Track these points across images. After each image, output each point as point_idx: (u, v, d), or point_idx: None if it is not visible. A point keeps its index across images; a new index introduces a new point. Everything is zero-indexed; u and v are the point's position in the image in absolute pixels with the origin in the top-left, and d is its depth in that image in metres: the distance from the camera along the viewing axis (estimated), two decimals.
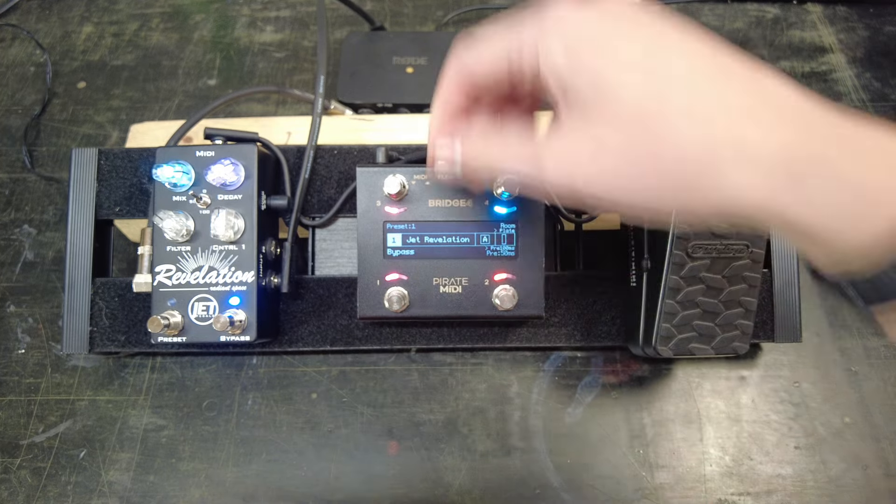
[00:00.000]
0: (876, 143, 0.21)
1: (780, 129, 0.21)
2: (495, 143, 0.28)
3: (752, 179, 0.21)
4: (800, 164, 0.21)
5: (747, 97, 0.22)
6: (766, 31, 0.65)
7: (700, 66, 0.22)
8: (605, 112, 0.23)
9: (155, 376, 0.47)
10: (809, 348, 0.48)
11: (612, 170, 0.23)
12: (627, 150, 0.23)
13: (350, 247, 0.46)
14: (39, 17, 0.67)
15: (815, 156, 0.21)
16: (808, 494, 0.43)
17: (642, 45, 0.23)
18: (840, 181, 0.20)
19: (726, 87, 0.22)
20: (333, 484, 0.44)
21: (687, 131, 0.22)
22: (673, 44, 0.23)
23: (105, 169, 0.45)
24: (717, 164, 0.21)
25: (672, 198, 0.23)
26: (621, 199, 0.24)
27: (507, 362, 0.48)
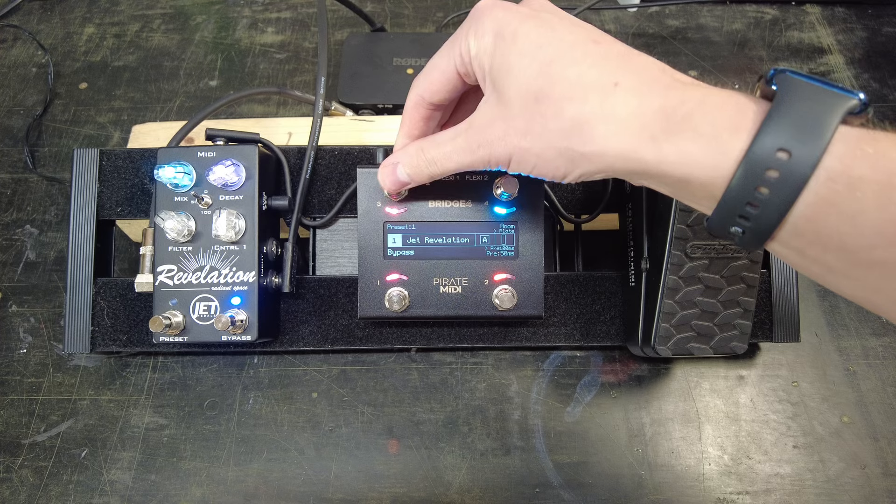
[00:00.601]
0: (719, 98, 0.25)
1: (638, 97, 0.26)
2: (430, 145, 0.33)
3: (617, 140, 0.26)
4: (653, 125, 0.25)
5: (616, 73, 0.26)
6: (765, 32, 0.66)
7: (580, 51, 0.27)
8: (511, 93, 0.28)
9: (156, 376, 0.48)
10: (808, 348, 0.48)
11: (515, 140, 0.29)
12: (526, 124, 0.28)
13: (351, 247, 0.47)
14: (41, 18, 0.67)
15: (666, 117, 0.25)
16: (807, 493, 0.43)
17: (537, 36, 0.28)
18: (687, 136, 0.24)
19: (600, 68, 0.27)
20: (334, 483, 0.44)
21: (567, 107, 0.27)
22: (561, 35, 0.28)
23: (107, 169, 0.46)
24: (592, 131, 0.26)
25: (563, 161, 0.28)
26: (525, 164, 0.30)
27: (506, 362, 0.48)
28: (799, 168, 0.22)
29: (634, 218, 0.43)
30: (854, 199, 0.22)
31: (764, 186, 0.23)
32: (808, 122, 0.23)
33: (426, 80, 0.33)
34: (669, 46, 0.65)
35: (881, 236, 0.22)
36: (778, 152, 0.22)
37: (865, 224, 0.22)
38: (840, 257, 0.24)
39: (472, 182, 0.41)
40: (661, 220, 0.39)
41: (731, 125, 0.24)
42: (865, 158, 0.22)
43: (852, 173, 0.22)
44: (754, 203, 0.24)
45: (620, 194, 0.45)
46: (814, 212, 0.23)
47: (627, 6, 0.67)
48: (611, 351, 0.48)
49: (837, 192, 0.22)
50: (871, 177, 0.22)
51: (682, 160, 0.25)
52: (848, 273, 0.24)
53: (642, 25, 0.66)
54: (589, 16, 0.67)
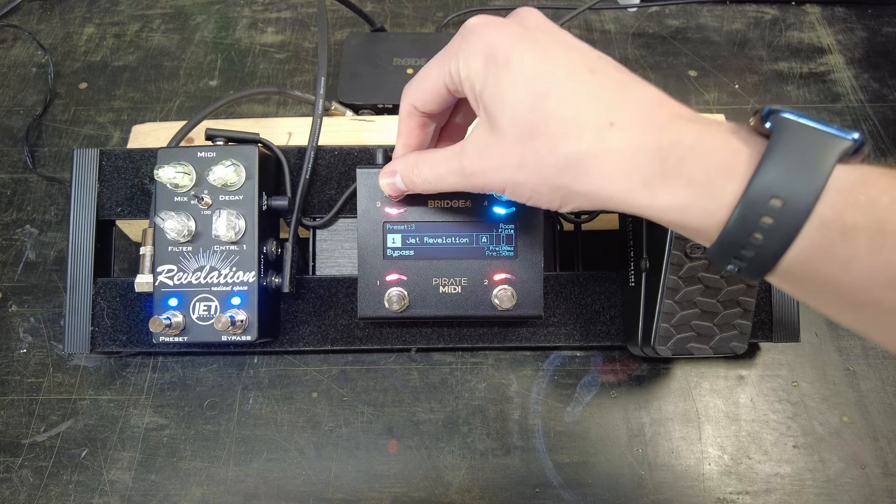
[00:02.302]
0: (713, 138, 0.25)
1: (633, 137, 0.25)
2: (425, 164, 0.34)
3: (612, 182, 0.26)
4: (650, 169, 0.25)
5: (612, 110, 0.26)
6: (765, 32, 0.66)
7: (577, 82, 0.27)
8: (504, 121, 0.28)
9: (156, 376, 0.48)
10: (808, 348, 0.48)
11: (510, 172, 0.29)
12: (520, 157, 0.28)
13: (350, 247, 0.47)
14: (41, 17, 0.67)
15: (663, 161, 0.25)
16: (807, 493, 0.43)
17: (531, 63, 0.27)
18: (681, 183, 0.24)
19: (596, 103, 0.26)
20: (334, 483, 0.44)
21: (562, 145, 0.26)
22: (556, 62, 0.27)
23: (107, 169, 0.46)
24: (587, 171, 0.26)
25: (558, 196, 0.28)
26: (520, 195, 0.30)
27: (506, 362, 0.48)
28: (793, 215, 0.22)
29: (634, 218, 0.43)
30: (847, 245, 0.22)
31: (758, 232, 0.23)
32: (802, 167, 0.22)
33: (417, 90, 0.33)
34: (669, 46, 0.65)
35: (874, 280, 0.22)
36: (772, 199, 0.22)
37: (858, 269, 0.22)
38: (834, 295, 0.24)
39: None
40: None
41: (724, 170, 0.24)
42: (858, 206, 0.22)
43: (845, 220, 0.22)
44: (748, 246, 0.24)
45: None
46: (808, 256, 0.23)
47: (627, 6, 0.67)
48: (611, 351, 0.48)
49: (830, 239, 0.22)
50: (863, 224, 0.22)
51: (675, 206, 0.25)
52: (843, 308, 0.24)
53: (642, 25, 0.66)
54: (589, 16, 0.67)
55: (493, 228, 0.41)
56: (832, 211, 0.22)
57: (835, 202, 0.22)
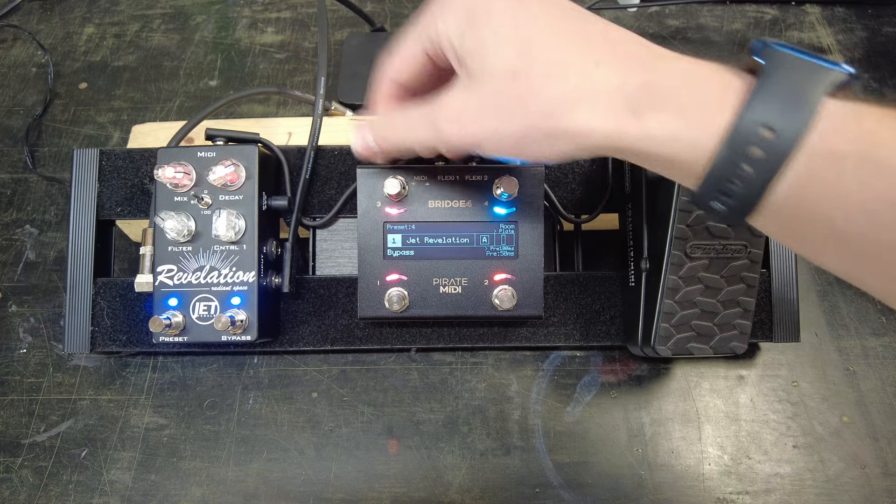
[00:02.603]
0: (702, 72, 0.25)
1: (619, 73, 0.25)
2: (399, 121, 0.33)
3: (600, 118, 0.25)
4: (636, 100, 0.25)
5: (597, 50, 0.26)
6: (765, 32, 0.65)
7: (558, 29, 0.27)
8: (485, 72, 0.27)
9: (156, 376, 0.48)
10: (808, 348, 0.48)
11: (492, 122, 0.28)
12: (503, 104, 0.27)
13: (350, 247, 0.47)
14: (41, 17, 0.67)
15: (648, 92, 0.25)
16: (807, 493, 0.43)
17: (512, 14, 0.27)
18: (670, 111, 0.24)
19: (578, 45, 0.26)
20: (334, 483, 0.44)
21: (547, 87, 0.26)
22: (535, 12, 0.27)
23: (106, 169, 0.46)
24: (575, 110, 0.26)
25: (545, 141, 0.27)
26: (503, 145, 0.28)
27: (506, 362, 0.48)
28: (782, 146, 0.22)
29: (634, 218, 0.43)
30: (836, 175, 0.22)
31: (747, 164, 0.23)
32: (792, 98, 0.22)
33: (394, 61, 0.32)
34: (669, 46, 0.64)
35: (863, 213, 0.22)
36: (762, 130, 0.22)
37: (847, 200, 0.22)
38: (822, 232, 0.23)
39: (471, 182, 0.41)
40: (661, 220, 0.39)
41: (715, 101, 0.24)
42: (849, 136, 0.22)
43: (835, 150, 0.22)
44: (736, 180, 0.23)
45: (620, 194, 0.45)
46: (796, 188, 0.23)
47: (627, 6, 0.67)
48: (611, 351, 0.48)
49: (820, 169, 0.22)
50: (853, 153, 0.21)
51: (665, 136, 0.24)
52: (830, 248, 0.24)
53: (642, 25, 0.66)
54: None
55: (493, 228, 0.41)
56: (822, 140, 0.22)
57: (825, 131, 0.22)
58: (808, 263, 0.51)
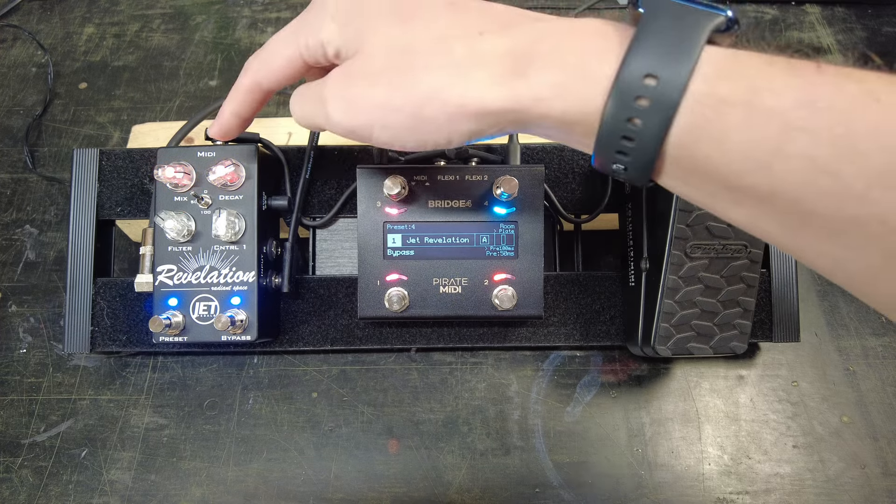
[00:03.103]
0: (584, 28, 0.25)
1: (503, 38, 0.25)
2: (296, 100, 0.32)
3: (491, 85, 0.25)
4: (522, 61, 0.25)
5: (478, 23, 0.26)
6: (765, 32, 0.65)
7: (438, 6, 0.27)
8: (369, 51, 0.27)
9: (156, 376, 0.48)
10: (807, 348, 0.48)
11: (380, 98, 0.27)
12: (391, 79, 0.26)
13: (350, 247, 0.47)
14: (41, 17, 0.67)
15: (532, 51, 0.24)
16: (807, 493, 0.43)
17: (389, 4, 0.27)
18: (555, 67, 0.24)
19: (462, 20, 0.26)
20: (334, 483, 0.44)
21: (437, 58, 0.26)
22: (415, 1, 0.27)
23: (106, 169, 0.46)
24: (461, 81, 0.25)
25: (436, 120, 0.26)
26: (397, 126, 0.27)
27: (506, 362, 0.48)
28: (668, 93, 0.22)
29: (634, 218, 0.43)
30: (722, 122, 0.21)
31: (637, 117, 0.22)
32: (673, 43, 0.22)
33: (267, 68, 0.32)
34: None
35: (749, 160, 0.21)
36: (646, 78, 0.22)
37: (733, 148, 0.21)
38: (718, 184, 0.23)
39: (471, 182, 0.41)
40: (661, 220, 0.39)
41: (596, 52, 0.24)
42: (730, 79, 0.21)
43: (718, 95, 0.21)
44: (630, 136, 0.23)
45: (620, 194, 0.45)
46: (687, 138, 0.22)
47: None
48: (611, 351, 0.48)
49: (705, 116, 0.22)
50: (734, 97, 0.21)
51: (553, 94, 0.24)
52: (727, 200, 0.24)
53: None
54: (588, 16, 0.67)
55: (493, 228, 0.41)
56: (705, 85, 0.22)
57: (707, 76, 0.22)
58: None
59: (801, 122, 0.20)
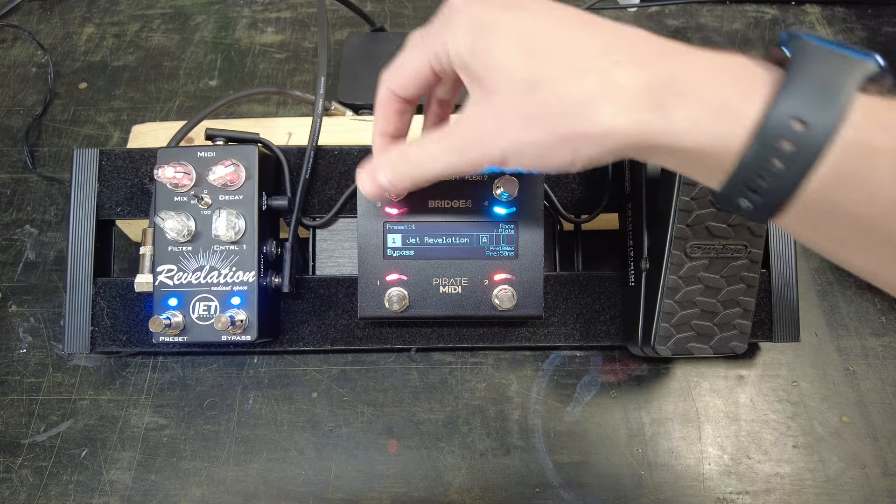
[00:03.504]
0: (726, 64, 0.24)
1: (640, 70, 0.24)
2: (414, 153, 0.31)
3: (624, 116, 0.24)
4: (660, 95, 0.24)
5: (611, 49, 0.25)
6: (765, 32, 0.65)
7: (569, 33, 0.26)
8: (500, 85, 0.27)
9: (156, 376, 0.48)
10: (807, 348, 0.48)
11: (514, 134, 0.27)
12: (524, 115, 0.26)
13: (350, 247, 0.47)
14: (41, 17, 0.67)
15: (672, 85, 0.24)
16: (807, 493, 0.43)
17: (519, 24, 0.27)
18: (697, 103, 0.23)
19: (594, 46, 0.26)
20: (334, 483, 0.44)
21: (568, 89, 0.25)
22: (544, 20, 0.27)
23: (106, 169, 0.46)
24: (593, 110, 0.25)
25: (569, 147, 0.26)
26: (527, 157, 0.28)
27: (506, 362, 0.48)
28: (815, 139, 0.21)
29: (634, 218, 0.43)
30: (870, 170, 0.21)
31: (777, 158, 0.22)
32: (824, 89, 0.22)
33: (398, 75, 0.32)
34: None
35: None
36: (793, 122, 0.21)
37: (882, 195, 0.21)
38: (853, 230, 0.23)
39: (471, 182, 0.41)
40: (661, 220, 0.39)
41: (742, 92, 0.23)
42: (884, 129, 0.21)
43: (869, 143, 0.21)
44: (765, 176, 0.22)
45: (620, 194, 0.45)
46: (828, 184, 0.22)
47: (627, 6, 0.67)
48: (611, 351, 0.48)
49: (853, 163, 0.21)
50: (888, 146, 0.21)
51: (692, 129, 0.23)
52: (860, 246, 0.23)
53: (642, 25, 0.66)
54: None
55: (493, 228, 0.41)
56: (856, 134, 0.21)
57: (859, 125, 0.21)
58: (808, 263, 0.51)
59: None
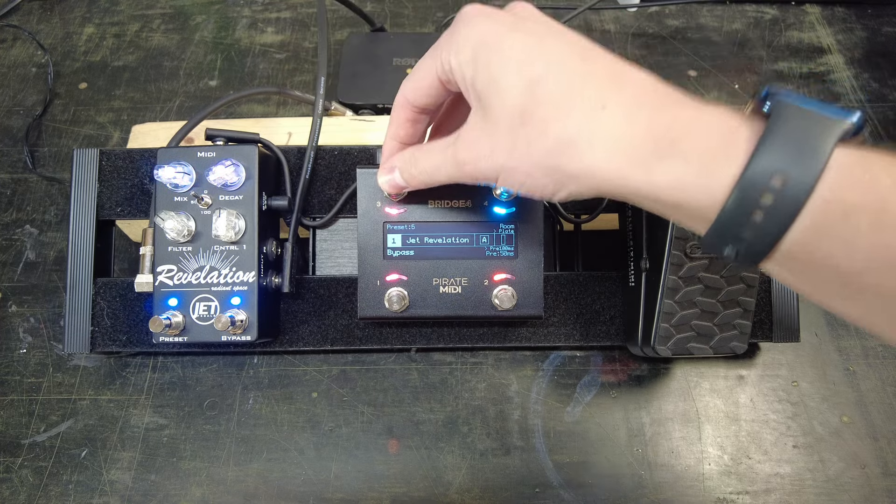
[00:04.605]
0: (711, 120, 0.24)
1: (626, 119, 0.25)
2: (422, 155, 0.34)
3: (604, 162, 0.25)
4: (645, 150, 0.25)
5: (604, 94, 0.26)
6: (765, 32, 0.66)
7: (568, 69, 0.27)
8: (495, 108, 0.28)
9: (156, 376, 0.48)
10: (807, 348, 0.48)
11: (503, 160, 0.29)
12: (511, 144, 0.28)
13: (350, 247, 0.47)
14: (41, 17, 0.67)
15: (658, 143, 0.25)
16: (807, 493, 0.43)
17: (522, 50, 0.27)
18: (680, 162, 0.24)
19: (588, 88, 0.26)
20: (334, 483, 0.44)
21: (553, 127, 0.26)
22: (548, 49, 0.27)
23: (106, 169, 0.46)
24: (578, 152, 0.26)
25: (550, 180, 0.28)
26: (514, 182, 0.29)
27: (506, 362, 0.48)
28: (794, 194, 0.22)
29: (634, 218, 0.43)
30: (847, 225, 0.22)
31: (758, 211, 0.23)
32: (803, 146, 0.22)
33: (412, 83, 0.33)
34: (669, 46, 0.65)
35: (874, 262, 0.22)
36: (772, 178, 0.22)
37: (858, 249, 0.22)
38: (833, 280, 0.23)
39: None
40: (661, 220, 0.39)
41: (724, 148, 0.24)
42: (859, 185, 0.22)
43: (846, 200, 0.22)
44: (747, 227, 0.23)
45: None
46: (808, 237, 0.23)
47: (627, 6, 0.67)
48: (611, 351, 0.48)
49: (831, 219, 0.22)
50: (864, 203, 0.22)
51: (672, 185, 0.24)
52: (841, 295, 0.24)
53: (642, 25, 0.66)
54: (589, 16, 0.67)
55: (493, 228, 0.41)
56: (833, 190, 0.22)
57: (836, 181, 0.22)
58: None
59: None
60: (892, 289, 0.22)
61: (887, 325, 0.24)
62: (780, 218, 0.22)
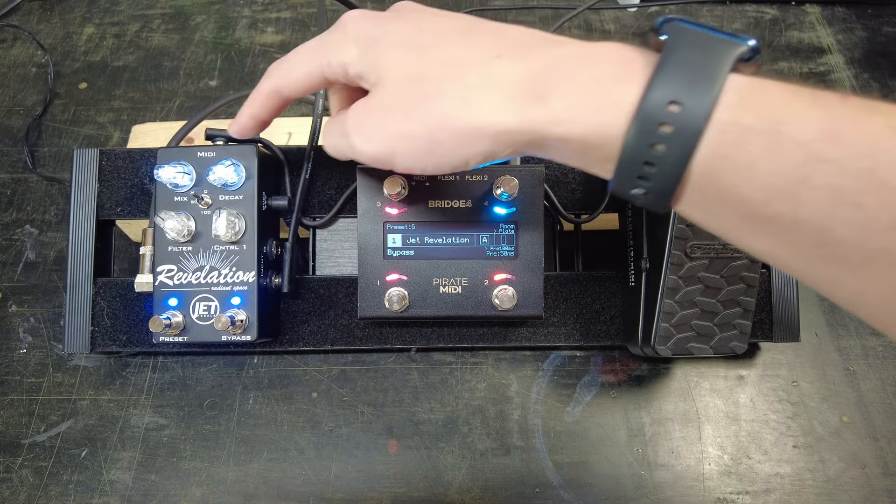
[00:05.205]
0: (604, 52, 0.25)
1: (519, 63, 0.26)
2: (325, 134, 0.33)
3: (507, 109, 0.25)
4: (539, 85, 0.25)
5: (494, 47, 0.26)
6: (765, 32, 0.66)
7: (453, 34, 0.28)
8: (388, 80, 0.28)
9: (156, 376, 0.48)
10: (808, 348, 0.48)
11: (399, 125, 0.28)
12: (408, 105, 0.27)
13: (351, 247, 0.47)
14: (41, 17, 0.67)
15: (550, 75, 0.25)
16: (807, 493, 0.43)
17: (408, 30, 0.28)
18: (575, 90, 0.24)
19: (475, 43, 0.27)
20: (334, 483, 0.44)
21: (451, 85, 0.26)
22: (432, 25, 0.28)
23: (106, 169, 0.46)
24: (480, 104, 0.26)
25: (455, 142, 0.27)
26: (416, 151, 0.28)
27: (506, 362, 0.48)
28: (691, 121, 0.22)
29: (634, 218, 0.43)
30: (744, 150, 0.21)
31: (659, 143, 0.22)
32: (697, 72, 0.22)
33: (287, 77, 0.33)
34: None
35: (773, 189, 0.21)
36: (670, 105, 0.22)
37: (757, 176, 0.22)
38: (740, 213, 0.23)
39: (472, 182, 0.41)
40: (661, 220, 0.39)
41: (618, 78, 0.23)
42: (754, 108, 0.22)
43: (742, 123, 0.21)
44: (651, 161, 0.23)
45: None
46: (710, 166, 0.22)
47: (627, 6, 0.67)
48: (611, 351, 0.48)
49: (729, 145, 0.22)
50: (758, 127, 0.21)
51: (573, 117, 0.24)
52: (750, 229, 0.24)
53: (642, 25, 0.66)
54: (589, 16, 0.67)
55: (493, 228, 0.41)
56: (729, 114, 0.22)
57: (731, 104, 0.22)
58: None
59: (825, 153, 0.20)
60: (790, 219, 0.22)
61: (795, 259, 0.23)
62: (680, 148, 0.22)
